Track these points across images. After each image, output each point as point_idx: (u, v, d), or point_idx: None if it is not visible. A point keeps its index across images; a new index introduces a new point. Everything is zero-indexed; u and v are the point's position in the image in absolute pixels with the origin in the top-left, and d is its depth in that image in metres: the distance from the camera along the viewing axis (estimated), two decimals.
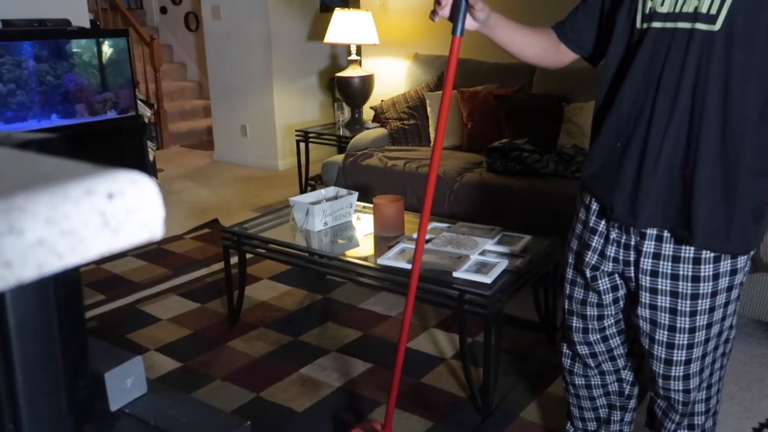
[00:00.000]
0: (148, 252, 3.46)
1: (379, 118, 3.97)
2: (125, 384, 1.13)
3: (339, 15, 4.16)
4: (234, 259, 2.66)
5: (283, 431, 2.02)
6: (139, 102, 3.82)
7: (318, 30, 5.15)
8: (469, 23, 1.44)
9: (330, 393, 2.22)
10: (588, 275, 1.50)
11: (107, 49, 3.60)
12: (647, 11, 1.27)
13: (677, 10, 1.22)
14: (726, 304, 1.36)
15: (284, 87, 5.13)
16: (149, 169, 3.95)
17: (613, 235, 1.41)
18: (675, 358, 1.40)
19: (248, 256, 2.71)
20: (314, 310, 2.84)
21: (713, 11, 1.18)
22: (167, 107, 6.20)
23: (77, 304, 0.60)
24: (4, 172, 0.32)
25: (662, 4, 1.24)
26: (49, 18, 3.52)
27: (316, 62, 5.35)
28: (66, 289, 0.45)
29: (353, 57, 4.27)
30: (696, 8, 1.20)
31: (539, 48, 1.53)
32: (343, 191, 2.75)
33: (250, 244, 2.57)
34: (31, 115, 3.30)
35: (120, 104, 3.66)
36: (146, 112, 4.01)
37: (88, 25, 3.89)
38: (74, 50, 3.45)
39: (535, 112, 3.38)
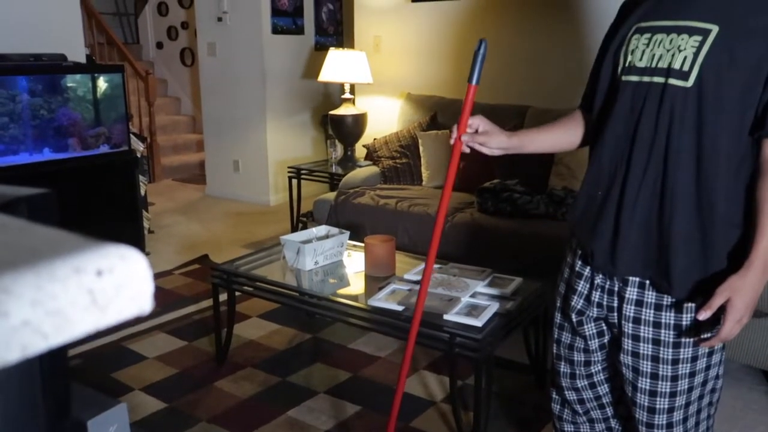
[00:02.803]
0: None
1: (372, 156, 4.00)
2: None
3: (333, 54, 4.22)
4: (223, 297, 2.63)
5: None
6: (131, 136, 3.83)
7: (312, 68, 5.22)
8: (488, 151, 1.49)
9: None
10: (574, 320, 1.50)
11: (102, 84, 3.62)
12: (627, 65, 1.31)
13: (653, 65, 1.26)
14: (710, 354, 1.36)
15: (277, 123, 5.16)
16: (140, 203, 3.93)
17: (598, 280, 1.42)
18: (658, 406, 1.39)
19: (237, 293, 2.69)
20: (303, 350, 2.81)
21: (686, 68, 1.22)
22: (160, 141, 6.22)
23: (61, 356, 0.58)
24: None
25: (640, 59, 1.28)
26: (45, 53, 3.54)
27: (309, 99, 5.40)
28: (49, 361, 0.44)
29: (347, 95, 4.32)
30: (669, 64, 1.24)
31: (573, 135, 1.57)
32: (335, 230, 2.75)
33: (240, 282, 2.55)
34: (23, 149, 3.29)
35: (113, 139, 3.66)
36: (139, 146, 4.02)
37: (84, 60, 3.91)
38: (69, 85, 3.47)
39: (527, 154, 3.40)
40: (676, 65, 1.23)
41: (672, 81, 1.24)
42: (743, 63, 1.19)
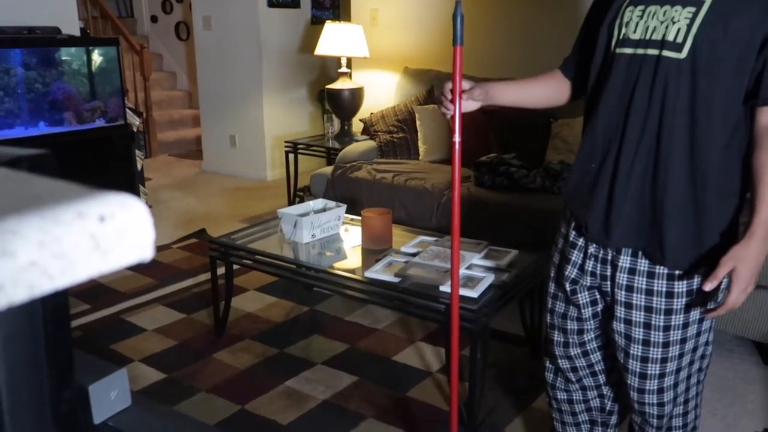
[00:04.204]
0: None
1: (369, 130, 3.99)
2: (109, 397, 1.13)
3: (330, 28, 4.19)
4: (221, 270, 2.65)
5: None
6: (127, 111, 3.81)
7: (308, 42, 5.17)
8: (471, 105, 1.54)
9: (315, 406, 2.21)
10: (568, 289, 1.52)
11: (97, 57, 3.59)
12: (621, 37, 1.32)
13: (647, 37, 1.27)
14: (700, 320, 1.38)
15: (274, 98, 5.14)
16: (137, 177, 3.93)
17: (591, 249, 1.44)
18: (649, 372, 1.42)
19: (235, 267, 2.71)
20: (301, 322, 2.84)
21: (679, 40, 1.22)
22: (156, 116, 6.19)
23: (64, 317, 0.60)
24: None
25: (634, 31, 1.29)
26: (38, 26, 3.51)
27: (306, 74, 5.37)
28: (53, 303, 0.45)
29: (343, 69, 4.29)
30: (663, 36, 1.24)
31: (549, 95, 1.60)
32: (332, 204, 2.75)
33: (238, 255, 2.57)
34: (18, 123, 3.28)
35: (109, 113, 3.65)
36: (135, 121, 4.00)
37: (78, 33, 3.88)
38: (63, 58, 3.44)
39: (523, 128, 3.41)
40: (670, 37, 1.24)
41: (666, 53, 1.24)
42: (736, 33, 1.20)
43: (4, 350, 0.41)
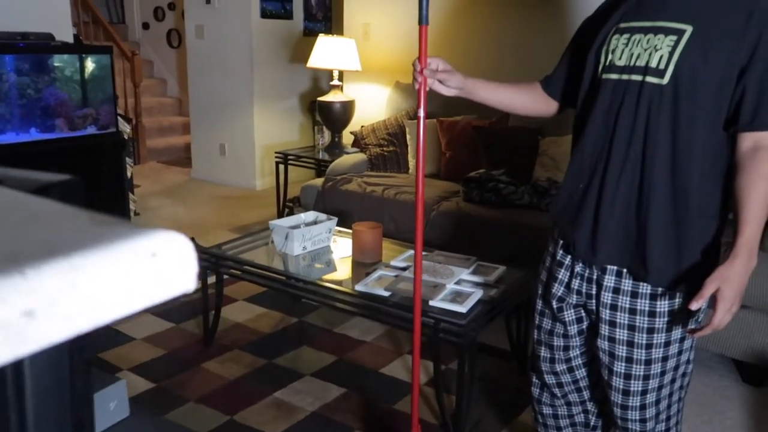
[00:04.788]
0: None
1: (359, 143, 4.03)
2: (108, 407, 1.15)
3: (323, 41, 4.23)
4: (211, 280, 2.67)
5: None
6: (118, 118, 3.82)
7: (300, 53, 5.21)
8: (446, 90, 1.59)
9: (304, 417, 2.23)
10: (554, 306, 1.56)
11: (90, 64, 3.60)
12: (607, 63, 1.38)
13: (631, 63, 1.33)
14: (682, 339, 1.43)
15: (265, 108, 5.17)
16: (127, 185, 3.93)
17: (578, 268, 1.48)
18: (632, 389, 1.46)
19: (225, 277, 2.72)
20: (289, 333, 2.86)
21: (662, 66, 1.28)
22: (146, 123, 6.19)
23: (85, 358, 0.61)
24: (55, 226, 0.36)
25: (620, 58, 1.35)
26: (32, 32, 3.52)
27: (297, 85, 5.41)
28: (78, 343, 0.47)
29: (335, 82, 4.33)
30: (647, 63, 1.30)
31: (527, 102, 1.66)
32: (323, 216, 2.79)
33: (228, 265, 2.58)
34: (9, 128, 3.28)
35: (100, 120, 3.65)
36: (125, 128, 4.01)
37: (71, 40, 3.88)
38: (56, 65, 3.45)
39: (512, 145, 3.47)
40: (653, 63, 1.29)
41: (649, 78, 1.30)
42: (716, 61, 1.26)
43: (33, 396, 0.42)
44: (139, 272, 0.34)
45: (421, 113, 1.59)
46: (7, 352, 0.29)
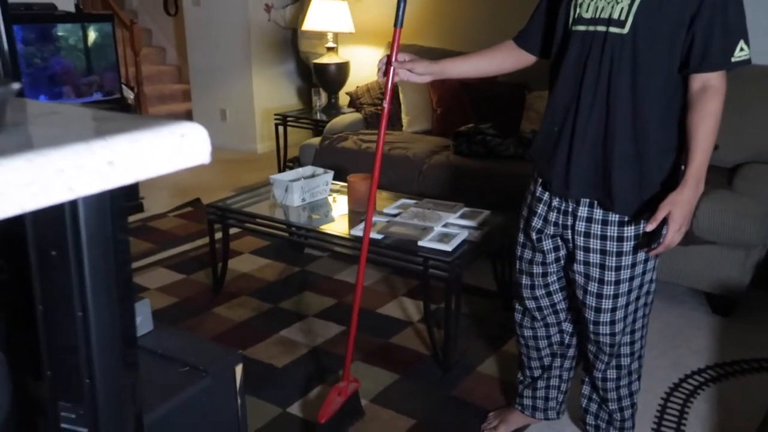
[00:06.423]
0: (134, 228, 3.64)
1: (354, 103, 4.19)
2: (136, 321, 1.35)
3: (317, 4, 4.35)
4: (218, 234, 2.86)
5: (265, 384, 2.24)
6: (122, 85, 3.97)
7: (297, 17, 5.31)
8: (416, 78, 1.75)
9: (307, 352, 2.44)
10: (534, 238, 1.75)
11: (92, 33, 3.74)
12: (576, 16, 1.54)
13: (597, 15, 1.50)
14: (646, 261, 1.63)
15: (263, 72, 5.30)
16: None
17: (555, 203, 1.67)
18: (603, 307, 1.66)
19: (230, 231, 2.91)
20: (292, 281, 3.06)
21: (622, 17, 1.45)
22: (147, 91, 6.31)
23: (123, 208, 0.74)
24: (118, 119, 0.54)
25: (586, 11, 1.52)
26: (35, 2, 3.65)
27: (294, 48, 5.52)
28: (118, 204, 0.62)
29: (330, 44, 4.46)
30: (610, 15, 1.47)
31: (499, 63, 1.83)
32: (320, 170, 2.96)
33: (234, 218, 2.77)
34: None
35: (105, 87, 3.81)
36: (129, 95, 4.16)
37: (72, 9, 4.01)
38: (60, 34, 3.59)
39: (500, 100, 3.62)
40: (615, 15, 1.46)
41: (612, 29, 1.47)
42: (669, 11, 1.42)
43: (89, 243, 0.60)
44: (175, 145, 0.53)
45: (386, 105, 1.73)
46: (100, 185, 0.48)
